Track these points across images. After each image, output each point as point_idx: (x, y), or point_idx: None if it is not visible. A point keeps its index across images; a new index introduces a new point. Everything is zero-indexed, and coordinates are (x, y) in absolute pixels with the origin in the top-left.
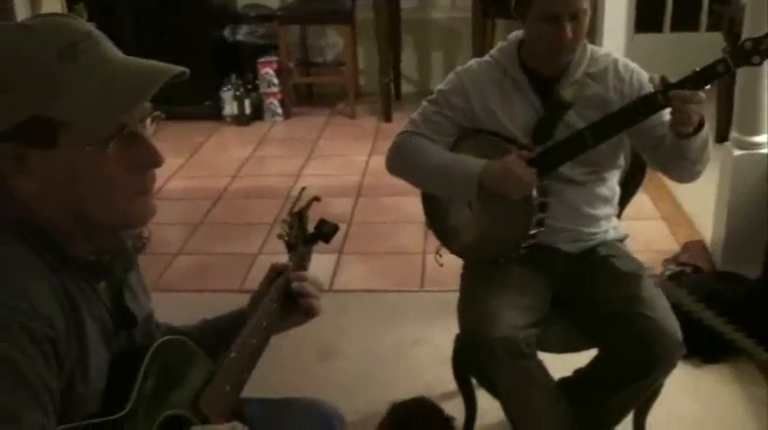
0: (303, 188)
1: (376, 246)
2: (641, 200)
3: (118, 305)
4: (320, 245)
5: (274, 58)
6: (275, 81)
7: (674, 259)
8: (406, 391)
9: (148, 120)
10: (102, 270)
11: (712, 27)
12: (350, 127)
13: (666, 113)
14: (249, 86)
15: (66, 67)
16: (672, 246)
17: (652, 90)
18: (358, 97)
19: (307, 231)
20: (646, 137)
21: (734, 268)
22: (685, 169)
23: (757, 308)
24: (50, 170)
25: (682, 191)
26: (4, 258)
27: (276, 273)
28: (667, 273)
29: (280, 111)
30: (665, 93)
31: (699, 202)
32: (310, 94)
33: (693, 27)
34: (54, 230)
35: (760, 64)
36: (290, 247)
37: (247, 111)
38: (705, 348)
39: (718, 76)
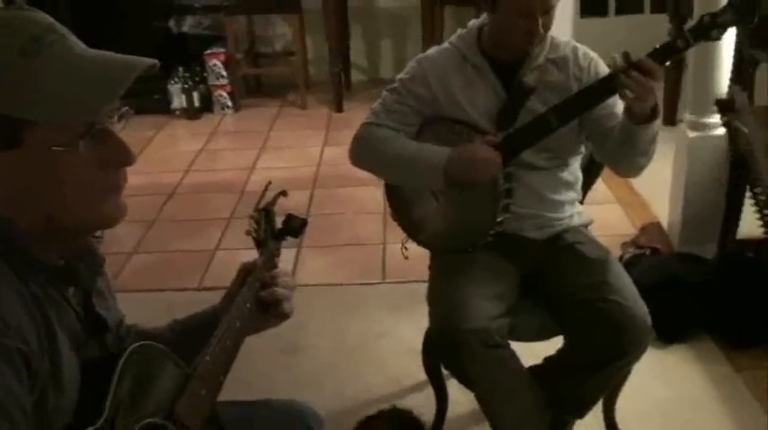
0: (269, 182)
1: (335, 239)
2: (596, 184)
3: (87, 311)
4: (288, 239)
5: (222, 50)
6: (224, 73)
7: (633, 242)
8: (374, 384)
9: (116, 117)
10: (72, 275)
11: (657, 9)
12: (301, 117)
13: (618, 105)
14: (197, 79)
15: (29, 63)
16: (628, 229)
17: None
18: (308, 87)
19: (275, 227)
20: (596, 126)
21: (691, 249)
22: (631, 161)
23: (718, 287)
24: (16, 172)
25: None
26: None
27: (246, 271)
28: (627, 255)
29: (229, 103)
30: (626, 70)
31: (652, 185)
32: (259, 85)
33: (638, 9)
34: (23, 235)
35: (719, 38)
36: (260, 244)
37: (196, 103)
38: (667, 329)
39: (678, 51)
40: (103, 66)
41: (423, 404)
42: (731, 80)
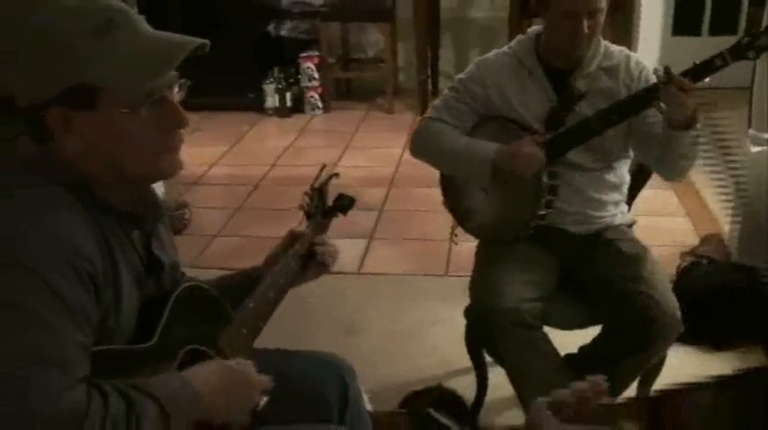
0: (324, 165)
1: (405, 233)
2: (666, 195)
3: (148, 253)
4: (340, 218)
5: (316, 53)
6: (316, 75)
7: (692, 251)
8: (424, 365)
9: (176, 87)
10: (137, 219)
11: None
12: (387, 121)
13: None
14: (291, 80)
15: (102, 41)
16: (693, 241)
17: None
18: (396, 93)
19: (326, 204)
20: (645, 131)
21: (749, 261)
22: (672, 164)
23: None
24: (92, 130)
25: (707, 187)
26: (55, 202)
27: (293, 238)
28: (684, 264)
29: (320, 104)
30: (666, 83)
31: (723, 199)
32: (349, 88)
33: (731, 31)
34: (95, 185)
35: (756, 58)
36: (309, 216)
37: (288, 103)
38: (715, 335)
39: (716, 69)
40: (159, 46)
41: (467, 386)
42: None
